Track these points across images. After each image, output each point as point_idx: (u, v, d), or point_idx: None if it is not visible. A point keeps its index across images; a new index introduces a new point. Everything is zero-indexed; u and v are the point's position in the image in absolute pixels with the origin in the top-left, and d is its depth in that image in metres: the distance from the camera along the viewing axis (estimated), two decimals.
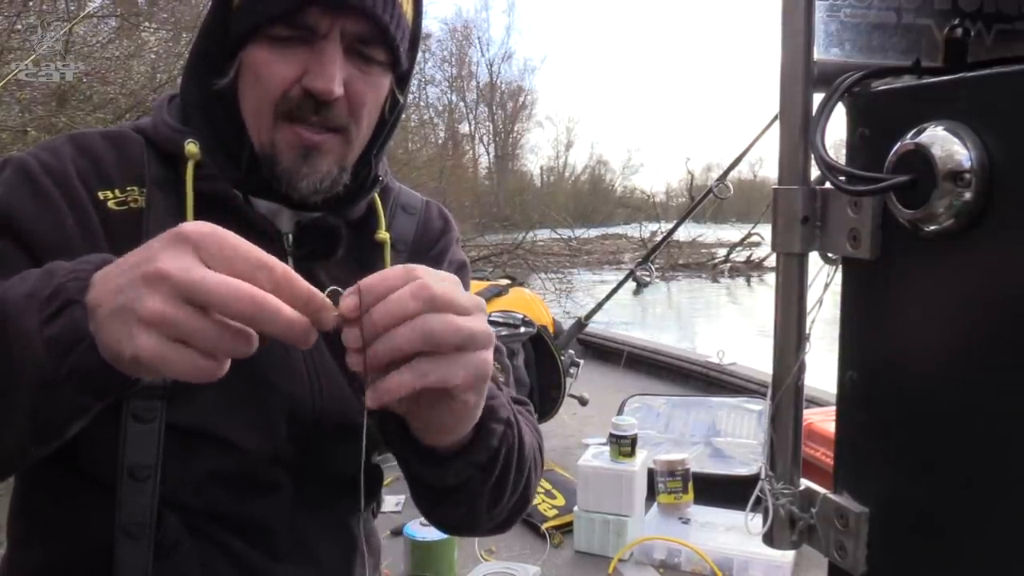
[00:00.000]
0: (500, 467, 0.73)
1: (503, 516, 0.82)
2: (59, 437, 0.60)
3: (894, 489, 0.47)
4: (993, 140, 0.40)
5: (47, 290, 0.54)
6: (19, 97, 5.65)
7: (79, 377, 0.54)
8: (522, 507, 0.84)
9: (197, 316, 0.49)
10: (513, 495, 0.79)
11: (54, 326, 0.53)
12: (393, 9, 0.74)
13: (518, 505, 0.82)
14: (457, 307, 0.57)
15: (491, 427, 0.69)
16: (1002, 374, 0.41)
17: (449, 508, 0.79)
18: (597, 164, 42.50)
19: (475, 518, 0.80)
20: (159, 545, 0.73)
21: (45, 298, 0.54)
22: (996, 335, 0.41)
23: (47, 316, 0.53)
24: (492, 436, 0.70)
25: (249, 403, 0.75)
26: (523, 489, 0.81)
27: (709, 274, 16.99)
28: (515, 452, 0.75)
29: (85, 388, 0.55)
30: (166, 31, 8.00)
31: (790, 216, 0.50)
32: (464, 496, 0.75)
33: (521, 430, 0.77)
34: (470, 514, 0.79)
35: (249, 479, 0.77)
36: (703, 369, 3.64)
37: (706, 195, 2.94)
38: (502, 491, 0.77)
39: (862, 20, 0.52)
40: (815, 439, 1.87)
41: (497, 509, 0.79)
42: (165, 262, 0.49)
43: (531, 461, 0.81)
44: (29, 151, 0.78)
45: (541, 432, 0.90)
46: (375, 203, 0.88)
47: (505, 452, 0.73)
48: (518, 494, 0.80)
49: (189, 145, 0.76)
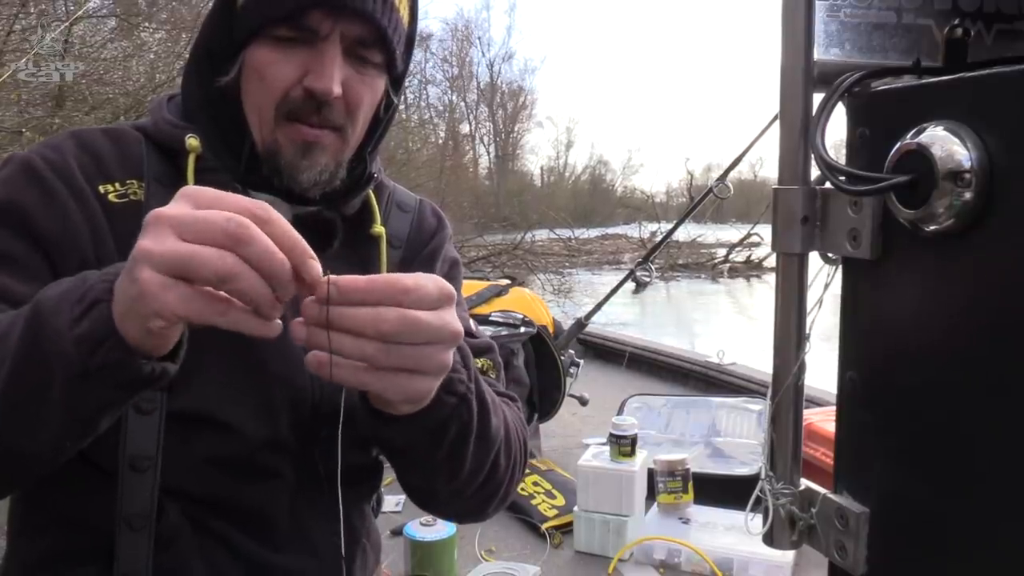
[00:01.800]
0: (451, 438, 0.73)
1: (468, 495, 0.82)
2: (93, 431, 0.63)
3: (894, 489, 0.47)
4: (993, 140, 0.40)
5: (77, 293, 0.58)
6: (14, 98, 5.64)
7: (107, 372, 0.56)
8: (492, 492, 0.84)
9: (200, 248, 0.51)
10: (476, 474, 0.79)
11: (82, 325, 0.56)
12: (391, 13, 0.77)
13: (487, 487, 0.82)
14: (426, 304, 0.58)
15: (443, 397, 0.69)
16: (1002, 374, 0.41)
17: (405, 471, 0.81)
18: (597, 164, 42.55)
19: (433, 489, 0.82)
20: (159, 536, 0.74)
21: (75, 300, 0.57)
22: (996, 335, 0.41)
23: (77, 315, 0.56)
24: (443, 406, 0.70)
25: (249, 389, 0.77)
26: (489, 470, 0.80)
27: (708, 274, 16.99)
28: (471, 427, 0.74)
29: (113, 382, 0.57)
30: (165, 31, 8.00)
31: (790, 216, 0.50)
32: (415, 460, 0.77)
33: (487, 410, 0.77)
34: (426, 481, 0.81)
35: (248, 464, 0.78)
36: (703, 369, 3.64)
37: (706, 195, 2.94)
38: (458, 463, 0.77)
39: (862, 20, 0.52)
40: (815, 439, 1.87)
41: (456, 483, 0.79)
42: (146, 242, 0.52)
43: (500, 444, 0.81)
44: (32, 148, 0.80)
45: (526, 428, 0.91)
46: (370, 199, 0.90)
47: (459, 425, 0.73)
48: (482, 474, 0.80)
49: (190, 139, 0.79)
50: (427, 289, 0.58)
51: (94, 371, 0.56)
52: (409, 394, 0.62)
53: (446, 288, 0.60)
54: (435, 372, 0.62)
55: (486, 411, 0.77)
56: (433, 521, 1.82)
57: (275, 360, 0.78)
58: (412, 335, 0.57)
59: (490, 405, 0.78)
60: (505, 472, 0.84)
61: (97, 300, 0.56)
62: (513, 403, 0.90)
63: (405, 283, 0.58)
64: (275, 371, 0.78)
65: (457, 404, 0.71)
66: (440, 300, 0.59)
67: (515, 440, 0.85)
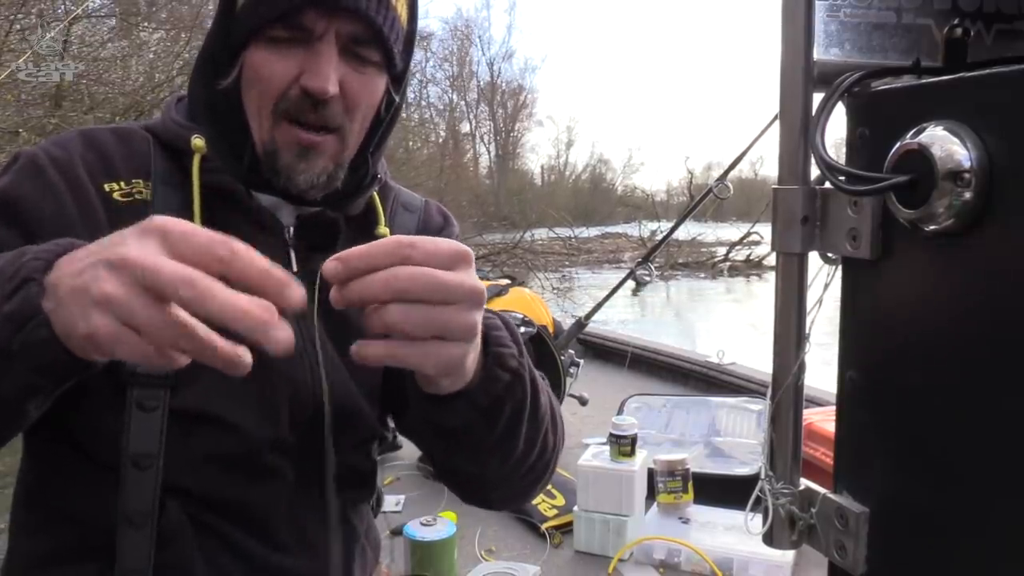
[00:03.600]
0: (506, 417, 0.72)
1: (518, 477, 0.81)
2: (16, 416, 0.61)
3: (894, 489, 0.47)
4: (993, 140, 0.40)
5: (11, 269, 0.56)
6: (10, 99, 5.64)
7: (29, 353, 0.55)
8: (541, 472, 0.83)
9: (151, 305, 0.48)
10: (528, 454, 0.78)
11: (12, 303, 0.54)
12: (387, 11, 0.77)
13: (536, 468, 0.81)
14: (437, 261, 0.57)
15: (496, 373, 0.69)
16: (1002, 373, 0.41)
17: (457, 454, 0.78)
18: (598, 163, 42.50)
19: (483, 473, 0.79)
20: (160, 534, 0.74)
21: (8, 277, 0.55)
22: (996, 334, 0.41)
23: (7, 293, 0.55)
24: (496, 382, 0.69)
25: (251, 386, 0.77)
26: (539, 450, 0.79)
27: (708, 273, 16.99)
28: (525, 405, 0.73)
29: (34, 365, 0.56)
30: (164, 31, 8.00)
31: (790, 216, 0.50)
32: (468, 444, 0.75)
33: (537, 387, 0.76)
34: (477, 465, 0.78)
35: (248, 462, 0.78)
36: (703, 369, 3.63)
37: (706, 195, 2.94)
38: (513, 444, 0.75)
39: (862, 20, 0.52)
40: (815, 439, 1.86)
41: (508, 465, 0.78)
42: (129, 249, 0.49)
43: (548, 422, 0.80)
44: (40, 145, 0.81)
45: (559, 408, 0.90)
46: (374, 201, 0.90)
47: (513, 403, 0.72)
48: (534, 454, 0.79)
49: (195, 140, 0.79)
50: (437, 245, 0.57)
51: (16, 350, 0.54)
52: (444, 362, 0.60)
53: (461, 248, 0.59)
54: (464, 336, 0.60)
55: (536, 388, 0.76)
56: (433, 521, 1.82)
57: (277, 359, 0.78)
58: (429, 291, 0.56)
59: (539, 382, 0.78)
60: (552, 452, 0.83)
61: (28, 279, 0.55)
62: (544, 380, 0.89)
63: (409, 239, 0.56)
64: (277, 369, 0.78)
65: (511, 381, 0.70)
66: (454, 258, 0.58)
67: (558, 417, 0.85)
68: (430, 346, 0.58)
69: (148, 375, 0.73)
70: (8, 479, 0.80)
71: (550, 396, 0.84)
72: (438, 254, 0.57)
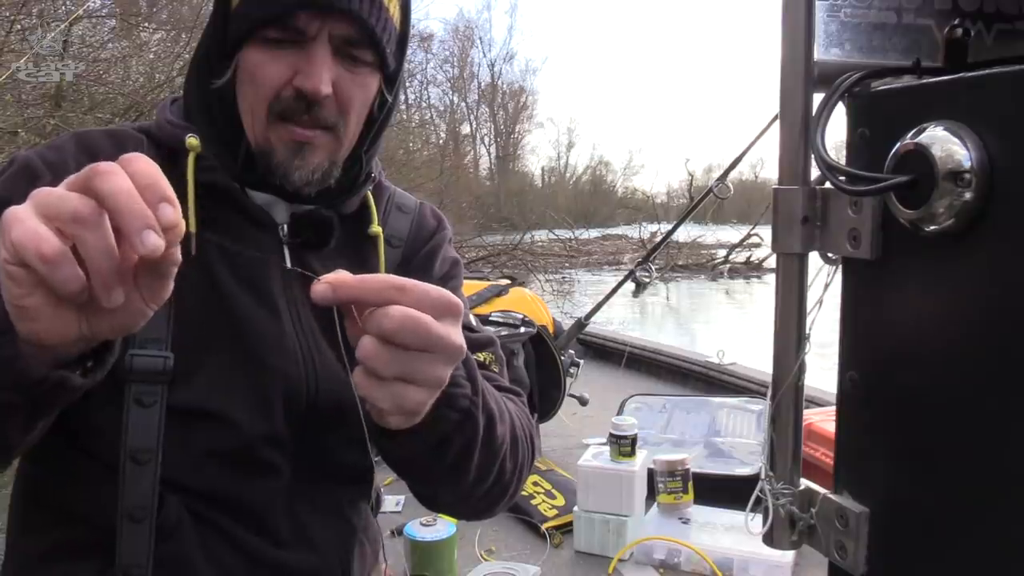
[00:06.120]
0: (455, 452, 0.73)
1: (472, 501, 0.83)
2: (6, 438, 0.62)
3: (894, 489, 0.47)
4: (993, 140, 0.40)
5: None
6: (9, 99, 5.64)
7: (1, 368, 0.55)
8: (498, 496, 0.84)
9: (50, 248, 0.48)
10: (481, 482, 0.79)
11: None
12: (380, 12, 0.78)
13: (491, 493, 0.83)
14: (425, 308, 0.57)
15: (445, 413, 0.69)
16: (1002, 374, 0.41)
17: (407, 479, 0.82)
18: (598, 165, 42.52)
19: (435, 494, 0.83)
20: (160, 528, 0.75)
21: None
22: (996, 335, 0.41)
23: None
24: (444, 422, 0.70)
25: (245, 382, 0.78)
26: (494, 478, 0.81)
27: (708, 275, 16.98)
28: (476, 440, 0.74)
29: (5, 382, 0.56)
30: (164, 31, 8.00)
31: (790, 216, 0.51)
32: (417, 471, 0.78)
33: (493, 420, 0.77)
34: (428, 489, 0.83)
35: (246, 458, 0.79)
36: (703, 369, 3.64)
37: (706, 195, 2.94)
38: (462, 474, 0.77)
39: (862, 20, 0.52)
40: (815, 439, 1.87)
41: (459, 491, 0.80)
42: (8, 216, 0.50)
43: (505, 451, 0.81)
44: (35, 148, 0.82)
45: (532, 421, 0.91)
46: (368, 200, 0.91)
47: (463, 440, 0.73)
48: (488, 482, 0.80)
49: (190, 138, 0.80)
50: (427, 292, 0.58)
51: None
52: (401, 405, 0.61)
53: (451, 299, 0.59)
54: (429, 384, 0.61)
55: (492, 422, 0.77)
56: (433, 521, 1.82)
57: (272, 355, 0.80)
58: (413, 336, 0.57)
59: (496, 414, 0.78)
60: (511, 476, 0.84)
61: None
62: (517, 398, 0.90)
63: (400, 282, 0.57)
64: (272, 365, 0.79)
65: (461, 420, 0.71)
66: (443, 309, 0.58)
67: (522, 441, 0.85)
68: (395, 386, 0.59)
69: (146, 371, 0.74)
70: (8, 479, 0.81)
71: (515, 419, 0.84)
72: (428, 301, 0.57)
